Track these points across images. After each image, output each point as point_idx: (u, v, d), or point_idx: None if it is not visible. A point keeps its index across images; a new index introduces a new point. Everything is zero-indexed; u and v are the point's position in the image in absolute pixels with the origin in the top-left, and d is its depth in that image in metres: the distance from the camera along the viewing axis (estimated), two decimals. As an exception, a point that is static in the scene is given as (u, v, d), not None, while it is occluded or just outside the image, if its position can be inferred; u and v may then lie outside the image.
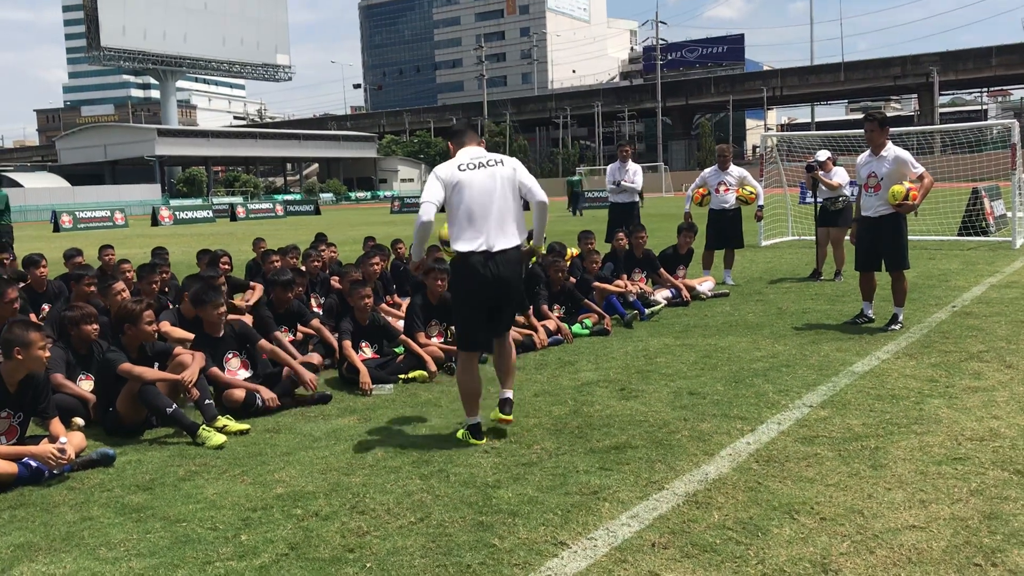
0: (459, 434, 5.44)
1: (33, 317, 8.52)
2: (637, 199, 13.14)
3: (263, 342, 6.66)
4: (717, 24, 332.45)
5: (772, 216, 20.35)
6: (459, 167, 5.33)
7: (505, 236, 5.29)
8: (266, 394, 6.23)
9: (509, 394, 5.52)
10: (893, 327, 8.46)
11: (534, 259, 9.30)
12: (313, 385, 6.33)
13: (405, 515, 4.24)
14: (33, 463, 4.83)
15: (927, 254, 15.44)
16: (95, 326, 6.24)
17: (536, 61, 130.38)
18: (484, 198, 5.26)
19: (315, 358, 7.10)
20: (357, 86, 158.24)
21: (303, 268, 10.09)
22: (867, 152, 8.75)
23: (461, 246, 5.29)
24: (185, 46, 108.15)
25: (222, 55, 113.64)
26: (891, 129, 9.02)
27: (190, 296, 7.04)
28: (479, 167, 5.32)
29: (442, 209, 5.42)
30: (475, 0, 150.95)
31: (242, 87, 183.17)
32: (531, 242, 5.66)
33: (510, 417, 5.46)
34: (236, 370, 6.58)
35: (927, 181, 8.45)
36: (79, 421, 5.91)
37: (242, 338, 6.68)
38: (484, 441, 5.34)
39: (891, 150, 8.54)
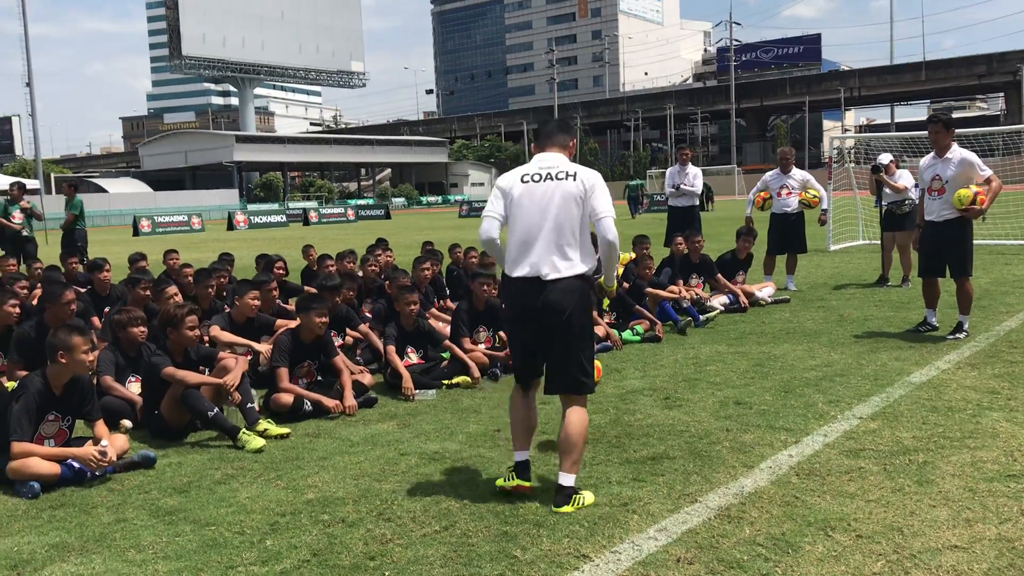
0: (498, 482, 4.57)
1: (96, 320, 8.77)
2: (696, 203, 12.94)
3: (337, 360, 6.74)
4: (796, 23, 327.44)
5: (842, 220, 19.87)
6: (522, 178, 4.62)
7: (558, 262, 4.48)
8: (328, 402, 6.29)
9: (565, 479, 4.40)
10: (957, 335, 8.14)
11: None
12: (351, 411, 6.35)
13: (430, 523, 4.21)
14: (76, 464, 4.95)
15: (1003, 259, 14.86)
16: (142, 329, 6.37)
17: (608, 64, 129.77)
18: (536, 216, 4.52)
19: (367, 378, 7.02)
20: (429, 91, 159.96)
21: (360, 273, 10.20)
22: (931, 155, 8.44)
23: (509, 269, 4.62)
24: (263, 54, 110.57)
25: (298, 63, 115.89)
26: (974, 129, 8.73)
27: (297, 303, 7.14)
28: (544, 179, 4.57)
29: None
30: (547, 4, 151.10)
31: (318, 94, 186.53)
32: (601, 279, 4.87)
33: (564, 508, 4.31)
34: (303, 377, 6.67)
35: (995, 184, 8.10)
36: (127, 423, 6.06)
37: (320, 348, 6.74)
38: (530, 484, 4.51)
39: (956, 152, 8.21)
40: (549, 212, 4.51)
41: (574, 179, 4.54)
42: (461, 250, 11.84)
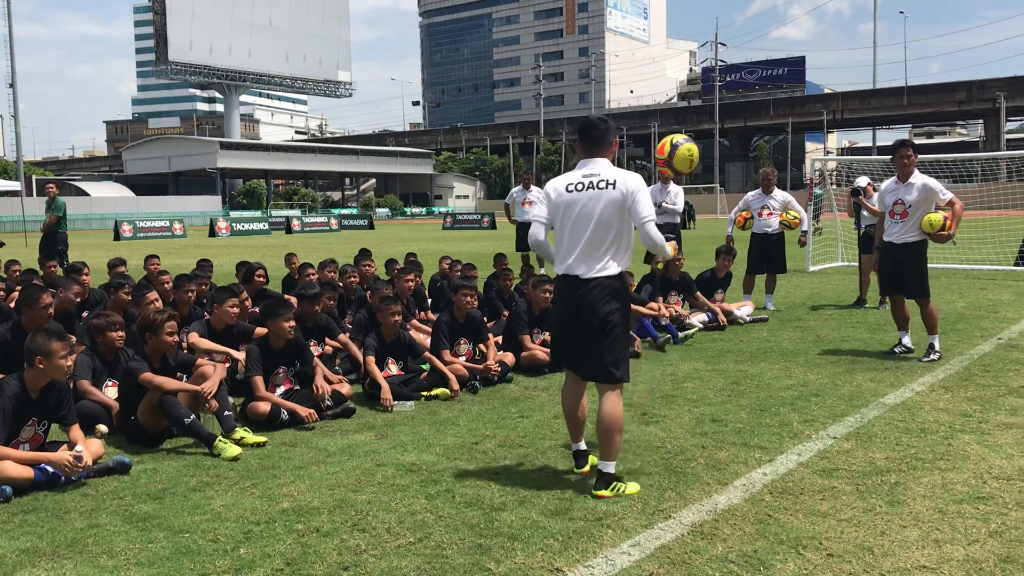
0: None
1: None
2: (678, 221, 13.02)
3: (316, 363, 6.78)
4: (783, 45, 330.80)
5: (821, 241, 20.03)
6: (567, 187, 5.00)
7: (595, 264, 4.90)
8: (302, 412, 6.28)
9: (604, 467, 4.79)
10: (931, 356, 8.24)
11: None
12: (322, 391, 6.50)
13: (405, 535, 4.22)
14: (50, 469, 4.92)
15: (979, 284, 15.03)
16: (120, 333, 6.35)
17: (594, 81, 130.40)
18: (582, 223, 4.92)
19: (345, 388, 6.92)
20: (416, 103, 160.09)
21: (340, 283, 10.18)
22: (892, 179, 8.71)
23: (555, 267, 5.11)
24: (249, 61, 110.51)
25: (285, 71, 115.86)
26: (954, 155, 8.99)
27: (260, 309, 7.12)
28: (586, 188, 4.94)
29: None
30: (536, 20, 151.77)
31: (304, 102, 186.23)
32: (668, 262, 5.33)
33: (602, 492, 4.70)
34: (279, 385, 6.66)
35: (957, 207, 8.36)
36: (102, 428, 6.03)
37: (296, 355, 6.74)
38: (586, 469, 5.05)
39: (919, 178, 8.51)
40: (591, 220, 4.90)
41: (614, 187, 4.90)
42: (448, 262, 11.87)
